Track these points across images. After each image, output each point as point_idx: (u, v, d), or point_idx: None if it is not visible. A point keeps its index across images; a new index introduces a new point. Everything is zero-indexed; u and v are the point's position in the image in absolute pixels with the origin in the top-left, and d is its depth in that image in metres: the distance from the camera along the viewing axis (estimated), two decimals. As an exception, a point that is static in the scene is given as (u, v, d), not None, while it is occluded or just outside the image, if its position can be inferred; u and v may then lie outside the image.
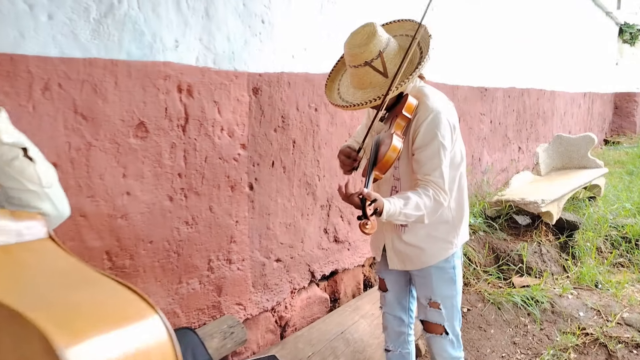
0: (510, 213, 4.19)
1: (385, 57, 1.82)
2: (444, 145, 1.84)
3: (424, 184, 1.85)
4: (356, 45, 1.82)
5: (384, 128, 1.98)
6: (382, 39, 1.82)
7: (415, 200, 1.80)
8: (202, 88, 2.17)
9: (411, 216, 1.81)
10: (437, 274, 2.07)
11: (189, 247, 2.22)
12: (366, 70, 1.83)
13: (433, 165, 1.83)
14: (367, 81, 1.86)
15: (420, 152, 1.85)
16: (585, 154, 4.98)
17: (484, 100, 5.07)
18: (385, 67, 1.83)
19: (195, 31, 2.11)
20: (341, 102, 1.94)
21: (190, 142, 2.16)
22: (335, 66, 2.11)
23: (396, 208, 1.76)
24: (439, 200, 1.85)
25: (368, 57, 1.80)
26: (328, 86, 2.08)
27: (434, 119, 1.83)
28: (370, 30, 1.82)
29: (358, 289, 3.44)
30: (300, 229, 2.83)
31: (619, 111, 11.94)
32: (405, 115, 1.86)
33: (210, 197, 2.27)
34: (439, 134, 1.83)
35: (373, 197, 1.69)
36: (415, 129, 1.87)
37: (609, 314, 3.29)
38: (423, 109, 1.87)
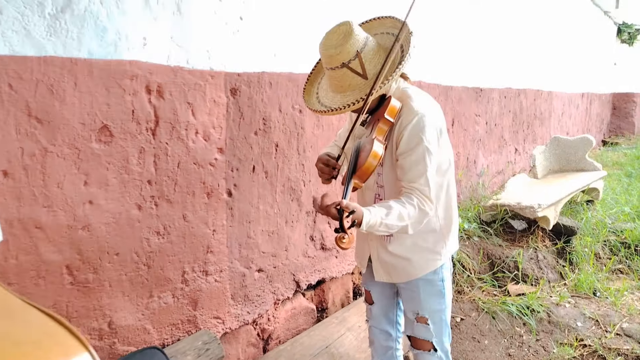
0: (505, 218, 4.06)
1: (363, 58, 1.69)
2: (430, 150, 1.72)
3: (408, 191, 1.73)
4: (331, 46, 1.69)
5: (366, 133, 1.85)
6: (359, 39, 1.69)
7: (398, 210, 1.67)
8: (174, 89, 2.03)
9: (393, 227, 1.68)
10: (424, 287, 1.94)
11: (161, 259, 2.08)
12: (344, 72, 1.70)
13: (418, 171, 1.71)
14: (345, 84, 1.73)
15: (404, 157, 1.73)
16: (583, 156, 4.85)
17: (479, 101, 4.94)
18: (364, 68, 1.69)
19: (165, 28, 1.97)
20: (319, 107, 1.81)
21: (161, 146, 2.01)
22: (314, 69, 1.97)
23: (377, 218, 1.63)
24: (423, 210, 1.72)
25: (345, 58, 1.67)
26: (306, 90, 1.94)
27: (419, 122, 1.71)
28: (345, 30, 1.69)
29: (347, 297, 3.30)
30: (284, 236, 2.69)
31: (617, 112, 11.82)
32: (388, 119, 1.73)
33: (184, 205, 2.13)
34: (424, 138, 1.70)
35: (351, 208, 1.56)
36: (399, 133, 1.74)
37: (608, 324, 3.16)
38: (407, 112, 1.74)
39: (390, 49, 1.69)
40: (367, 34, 1.75)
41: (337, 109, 1.72)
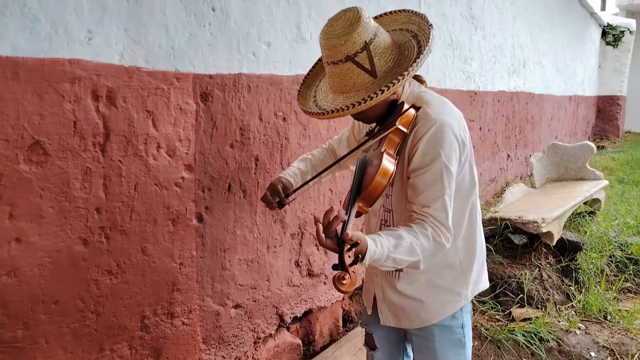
0: (505, 232, 3.75)
1: (373, 51, 1.34)
2: (449, 168, 1.39)
3: (421, 218, 1.39)
4: (335, 34, 1.34)
5: (373, 146, 1.49)
6: (368, 27, 1.35)
7: (409, 241, 1.33)
8: (129, 94, 1.65)
9: (402, 262, 1.34)
10: (441, 334, 1.61)
11: (114, 304, 1.69)
12: (348, 67, 1.35)
13: (433, 194, 1.38)
14: (350, 83, 1.37)
15: (417, 175, 1.40)
16: (583, 164, 4.57)
17: (474, 105, 4.63)
18: (372, 63, 1.35)
19: (118, 19, 1.59)
20: (316, 109, 1.45)
21: (112, 165, 1.63)
22: (311, 70, 1.61)
23: (384, 251, 1.29)
24: (439, 241, 1.38)
25: (350, 49, 1.33)
26: (302, 93, 1.58)
27: (437, 132, 1.38)
28: (353, 16, 1.35)
29: (336, 326, 2.94)
30: (266, 264, 2.31)
31: (602, 115, 11.70)
32: (400, 129, 1.39)
33: (142, 235, 1.75)
34: (443, 153, 1.37)
35: (355, 240, 1.20)
36: (413, 146, 1.41)
37: (625, 354, 2.86)
38: (423, 120, 1.41)
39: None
40: (376, 24, 1.40)
41: (336, 110, 1.36)
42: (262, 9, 2.13)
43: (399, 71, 1.34)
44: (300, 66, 2.35)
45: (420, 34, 1.45)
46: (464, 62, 4.28)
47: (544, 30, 6.75)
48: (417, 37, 1.44)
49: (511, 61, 5.56)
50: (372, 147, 1.49)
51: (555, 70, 7.63)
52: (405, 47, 1.43)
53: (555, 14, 7.35)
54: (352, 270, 1.19)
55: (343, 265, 1.17)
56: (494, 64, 5.01)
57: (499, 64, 5.18)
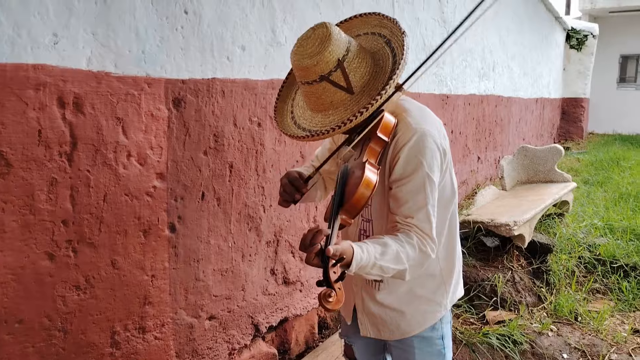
0: (478, 235, 3.77)
1: (347, 68, 1.31)
2: (431, 178, 1.36)
3: (406, 228, 1.36)
4: (306, 55, 1.30)
5: (354, 155, 1.46)
6: (340, 44, 1.31)
7: (396, 249, 1.31)
8: (97, 100, 1.57)
9: (389, 270, 1.31)
10: (421, 347, 1.58)
11: (82, 320, 1.61)
12: (323, 86, 1.31)
13: (417, 204, 1.36)
14: (326, 101, 1.34)
15: (399, 186, 1.37)
16: (552, 167, 4.65)
17: (445, 108, 4.66)
18: (348, 80, 1.31)
19: (85, 22, 1.51)
20: (298, 132, 1.41)
21: (80, 175, 1.55)
22: (285, 82, 1.56)
23: (370, 258, 1.25)
24: (425, 251, 1.36)
25: (324, 69, 1.29)
26: (278, 109, 1.53)
27: (418, 142, 1.35)
28: (323, 34, 1.31)
29: (312, 333, 2.90)
30: (241, 274, 2.26)
31: (566, 116, 11.96)
32: (381, 137, 1.36)
33: (112, 248, 1.67)
34: (425, 163, 1.35)
35: (339, 254, 1.16)
36: (394, 156, 1.38)
37: (596, 355, 2.91)
38: (403, 129, 1.38)
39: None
40: (348, 37, 1.36)
41: (319, 133, 1.32)
42: (237, 12, 2.07)
43: (376, 86, 1.31)
44: (275, 70, 2.30)
45: (393, 40, 1.42)
46: (436, 65, 4.29)
47: (512, 34, 6.86)
48: (391, 43, 1.41)
49: (481, 65, 5.62)
50: (353, 156, 1.45)
51: (522, 73, 7.76)
52: (380, 56, 1.40)
53: (522, 19, 7.48)
54: (338, 287, 1.14)
55: (328, 282, 1.13)
56: (465, 68, 5.06)
57: (470, 68, 5.23)
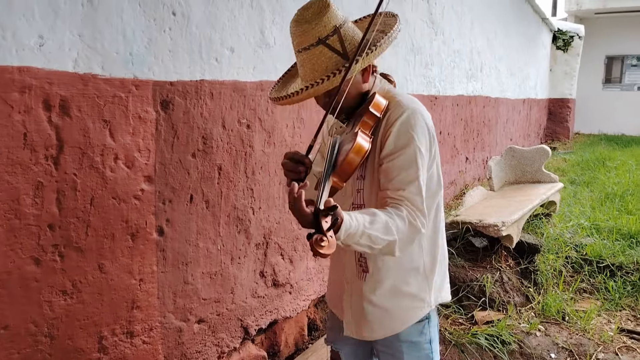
0: (467, 236, 3.79)
1: (343, 35, 1.35)
2: (422, 152, 1.38)
3: (396, 202, 1.36)
4: (305, 20, 1.35)
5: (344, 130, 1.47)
6: (337, 14, 1.37)
7: (385, 219, 1.29)
8: (84, 103, 1.55)
9: (378, 241, 1.28)
10: (409, 352, 1.57)
11: (69, 326, 1.59)
12: (320, 50, 1.34)
13: (408, 176, 1.36)
14: (322, 66, 1.36)
15: (390, 160, 1.37)
16: (539, 167, 4.69)
17: (434, 109, 4.68)
18: (344, 45, 1.36)
19: (71, 24, 1.49)
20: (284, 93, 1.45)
21: (66, 179, 1.53)
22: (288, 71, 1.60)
23: (359, 225, 1.23)
24: (414, 224, 1.34)
25: (322, 32, 1.33)
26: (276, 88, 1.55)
27: (410, 117, 1.37)
28: (322, 3, 1.36)
29: (302, 335, 2.89)
30: (230, 277, 2.24)
31: (553, 117, 12.08)
32: (373, 112, 1.38)
33: (99, 252, 1.65)
34: (416, 137, 1.36)
35: (331, 204, 1.15)
36: (385, 132, 1.39)
37: (583, 354, 2.93)
38: (395, 107, 1.41)
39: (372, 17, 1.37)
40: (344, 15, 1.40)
41: (304, 88, 1.36)
42: (225, 14, 2.06)
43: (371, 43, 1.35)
44: (264, 72, 2.29)
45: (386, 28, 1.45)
46: (425, 67, 4.31)
47: (499, 35, 6.91)
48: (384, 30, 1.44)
49: (469, 66, 5.65)
50: (345, 131, 1.46)
51: (510, 74, 7.82)
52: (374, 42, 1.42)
53: (510, 20, 7.54)
54: (330, 235, 1.12)
55: (320, 228, 1.10)
56: (453, 69, 5.08)
57: (458, 69, 5.26)
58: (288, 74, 1.59)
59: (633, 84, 14.89)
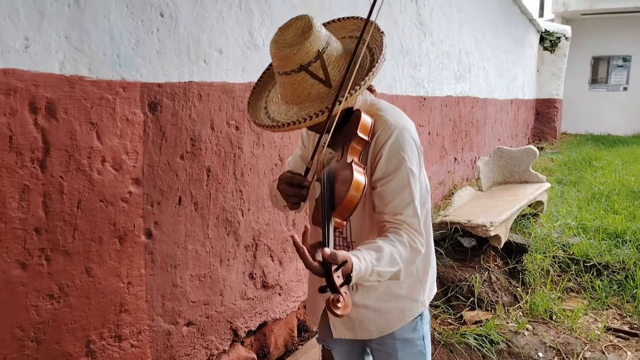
0: (455, 236, 3.81)
1: (326, 60, 1.31)
2: (414, 172, 1.38)
3: (395, 226, 1.36)
4: (286, 43, 1.29)
5: (335, 156, 1.45)
6: (320, 36, 1.31)
7: (389, 251, 1.29)
8: (70, 105, 1.54)
9: (386, 274, 1.29)
10: (403, 348, 1.59)
11: (56, 330, 1.57)
12: (302, 77, 1.31)
13: (403, 200, 1.36)
14: (303, 93, 1.33)
15: (384, 184, 1.37)
16: (527, 167, 4.73)
17: (423, 110, 4.70)
18: (327, 72, 1.31)
19: (58, 25, 1.48)
20: (269, 122, 1.39)
21: (53, 182, 1.52)
22: (260, 79, 1.55)
23: (368, 266, 1.23)
24: (415, 247, 1.36)
25: (303, 59, 1.28)
26: (251, 104, 1.52)
27: (398, 138, 1.36)
28: (304, 25, 1.30)
29: (291, 337, 2.89)
30: (219, 279, 2.24)
31: (540, 117, 12.18)
32: (362, 137, 1.36)
33: (87, 255, 1.64)
34: (406, 158, 1.36)
35: (340, 259, 1.14)
36: (375, 154, 1.39)
37: (570, 353, 2.96)
38: (382, 127, 1.39)
39: (355, 48, 1.32)
40: (328, 32, 1.36)
41: (292, 122, 1.31)
42: (213, 15, 2.06)
43: (356, 80, 1.31)
44: (253, 73, 2.28)
45: (371, 41, 1.43)
46: (414, 68, 4.33)
47: (487, 36, 6.95)
48: (369, 44, 1.42)
49: (457, 67, 5.68)
50: (334, 157, 1.45)
51: (498, 74, 7.88)
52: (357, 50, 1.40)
53: (498, 21, 7.59)
54: (344, 291, 1.12)
55: (334, 287, 1.10)
56: (441, 70, 5.10)
57: (446, 70, 5.28)
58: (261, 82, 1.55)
59: (619, 84, 15.06)
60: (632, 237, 4.30)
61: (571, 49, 12.31)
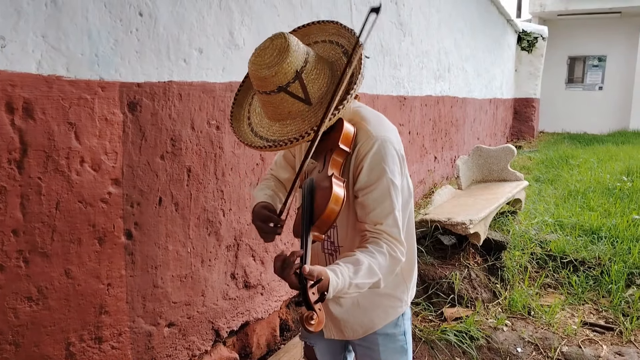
0: (436, 234, 3.86)
1: (305, 79, 1.32)
2: (395, 183, 1.40)
3: (375, 236, 1.39)
4: (264, 65, 1.30)
5: (317, 166, 1.46)
6: (298, 55, 1.31)
7: (368, 263, 1.32)
8: (48, 105, 1.52)
9: (365, 285, 1.33)
10: (385, 343, 1.62)
11: (35, 332, 1.56)
12: (281, 97, 1.32)
13: (384, 210, 1.38)
14: (284, 111, 1.34)
15: (366, 194, 1.39)
16: (505, 166, 4.80)
17: (403, 110, 4.73)
18: (306, 91, 1.33)
19: (35, 24, 1.46)
20: (256, 141, 1.40)
21: (31, 183, 1.50)
22: (241, 86, 1.55)
23: (345, 280, 1.26)
24: (395, 256, 1.39)
25: (282, 80, 1.29)
26: (234, 115, 1.52)
27: (380, 149, 1.38)
28: (281, 45, 1.31)
29: (274, 336, 2.89)
30: (200, 279, 2.23)
31: (518, 116, 12.36)
32: (343, 148, 1.37)
33: (66, 257, 1.62)
34: (388, 169, 1.38)
35: (316, 275, 1.16)
36: (357, 165, 1.40)
37: (548, 348, 3.02)
38: (364, 138, 1.40)
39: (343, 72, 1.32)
40: (305, 47, 1.37)
41: (278, 144, 1.33)
42: (193, 14, 2.05)
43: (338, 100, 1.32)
44: (233, 73, 2.28)
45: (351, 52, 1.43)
46: (394, 67, 4.36)
47: (466, 36, 7.03)
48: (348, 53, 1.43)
49: (437, 66, 5.74)
50: (316, 168, 1.45)
51: (476, 74, 7.97)
52: (338, 67, 1.41)
53: (476, 21, 7.68)
54: (319, 308, 1.14)
55: (308, 304, 1.12)
56: (421, 70, 5.15)
57: (426, 70, 5.33)
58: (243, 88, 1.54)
59: (594, 83, 15.37)
60: (607, 234, 4.39)
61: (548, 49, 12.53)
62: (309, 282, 1.13)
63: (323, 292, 1.18)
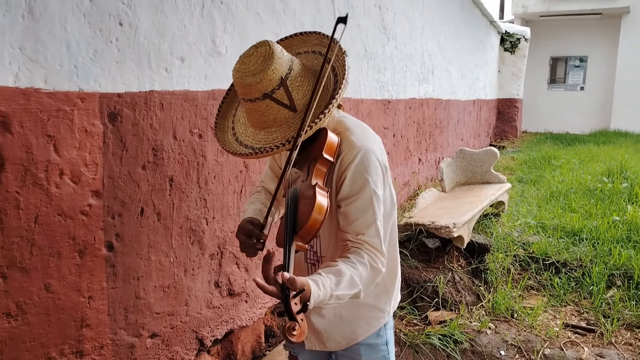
0: (420, 237, 3.87)
1: (290, 86, 1.32)
2: (377, 194, 1.40)
3: (357, 246, 1.39)
4: (249, 72, 1.30)
5: (301, 176, 1.46)
6: (282, 62, 1.32)
7: (349, 274, 1.32)
8: (26, 118, 1.50)
9: (345, 297, 1.33)
10: (367, 353, 1.63)
11: (14, 348, 1.53)
12: (267, 104, 1.32)
13: (366, 220, 1.39)
14: (269, 119, 1.34)
15: (348, 204, 1.40)
16: (488, 168, 4.84)
17: (387, 113, 4.75)
18: (291, 98, 1.33)
19: (11, 36, 1.44)
20: (241, 149, 1.40)
21: (9, 197, 1.47)
22: (225, 98, 1.55)
23: (327, 292, 1.25)
24: (376, 267, 1.40)
25: (267, 87, 1.30)
26: (219, 125, 1.52)
27: (363, 160, 1.38)
28: (265, 52, 1.31)
29: (259, 343, 2.88)
30: (184, 289, 2.21)
31: (501, 116, 12.47)
32: (327, 158, 1.37)
33: (45, 271, 1.60)
34: (370, 180, 1.39)
35: (298, 285, 1.16)
36: (340, 174, 1.41)
37: (531, 351, 3.05)
38: (347, 148, 1.41)
39: (319, 74, 1.33)
40: (290, 55, 1.37)
41: (262, 150, 1.33)
42: (175, 23, 2.03)
43: (320, 104, 1.33)
44: (216, 81, 2.27)
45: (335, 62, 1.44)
46: (378, 71, 4.37)
47: (449, 38, 7.08)
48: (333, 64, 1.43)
49: (421, 69, 5.76)
50: (300, 177, 1.45)
51: (460, 76, 8.03)
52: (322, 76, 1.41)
53: (459, 23, 7.73)
54: (301, 318, 1.13)
55: (291, 314, 1.12)
56: (405, 73, 5.17)
57: (410, 73, 5.35)
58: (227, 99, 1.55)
59: (576, 84, 15.58)
60: (588, 235, 4.45)
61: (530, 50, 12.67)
62: (292, 292, 1.13)
63: (305, 302, 1.17)
